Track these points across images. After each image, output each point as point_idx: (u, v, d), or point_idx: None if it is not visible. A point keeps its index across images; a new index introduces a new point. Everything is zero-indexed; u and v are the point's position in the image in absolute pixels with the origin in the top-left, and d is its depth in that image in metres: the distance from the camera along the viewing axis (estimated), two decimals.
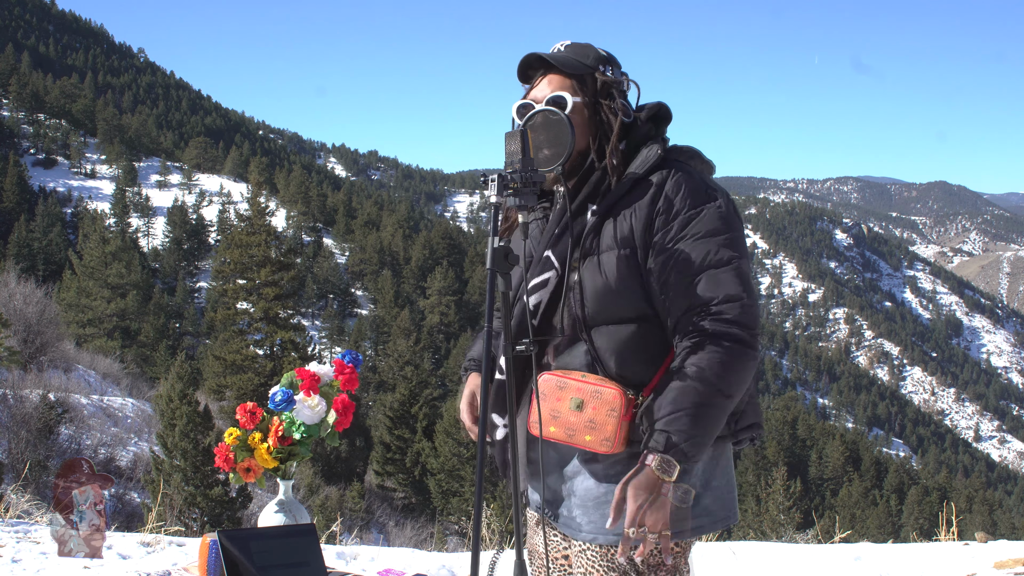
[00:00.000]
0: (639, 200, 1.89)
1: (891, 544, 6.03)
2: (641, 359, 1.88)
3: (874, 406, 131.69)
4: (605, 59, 1.99)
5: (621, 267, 1.88)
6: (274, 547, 2.17)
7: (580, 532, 1.95)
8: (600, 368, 1.90)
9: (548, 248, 1.96)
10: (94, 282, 39.55)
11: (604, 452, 1.86)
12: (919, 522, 33.47)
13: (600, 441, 1.85)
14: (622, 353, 1.89)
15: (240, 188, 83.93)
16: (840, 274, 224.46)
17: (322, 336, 65.27)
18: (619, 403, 1.84)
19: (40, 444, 14.53)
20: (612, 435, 1.84)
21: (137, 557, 4.26)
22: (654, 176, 1.91)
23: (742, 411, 1.95)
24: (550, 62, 1.96)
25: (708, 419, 1.77)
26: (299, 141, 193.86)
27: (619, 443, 1.85)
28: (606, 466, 1.93)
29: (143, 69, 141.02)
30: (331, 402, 2.39)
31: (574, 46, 2.00)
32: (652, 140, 1.97)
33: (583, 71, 1.96)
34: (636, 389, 1.88)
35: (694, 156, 2.01)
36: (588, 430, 1.86)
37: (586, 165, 1.97)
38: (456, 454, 26.86)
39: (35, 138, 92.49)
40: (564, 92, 1.95)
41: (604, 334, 1.90)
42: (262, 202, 31.98)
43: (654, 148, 1.94)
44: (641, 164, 1.92)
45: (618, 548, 1.85)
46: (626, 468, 1.90)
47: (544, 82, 1.99)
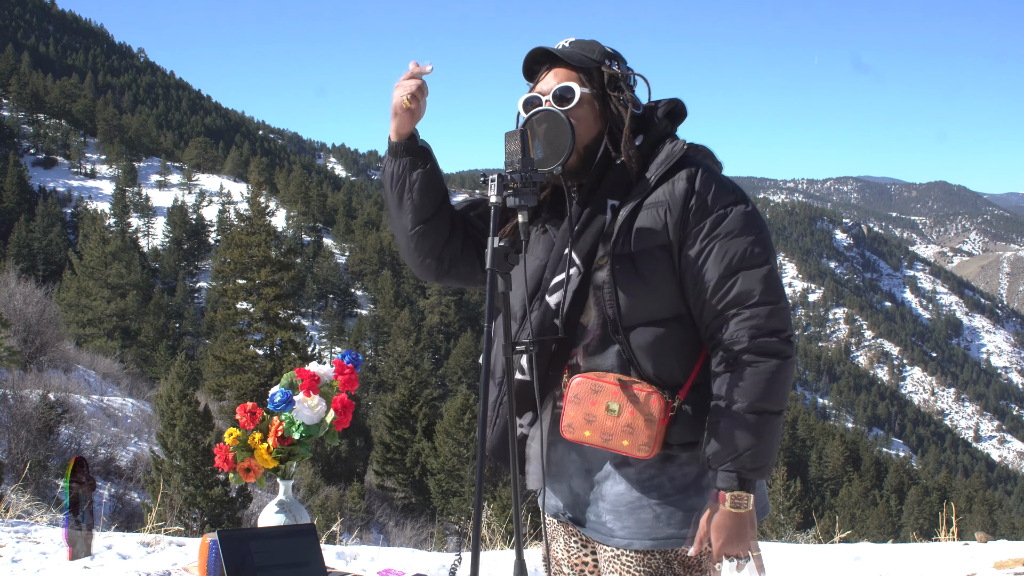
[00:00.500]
0: (670, 197, 1.86)
1: (891, 544, 6.03)
2: (677, 359, 1.86)
3: (874, 406, 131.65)
4: (610, 55, 1.97)
5: (657, 266, 1.85)
6: (274, 547, 2.17)
7: (613, 537, 1.92)
8: (634, 369, 1.87)
9: (568, 246, 1.92)
10: (94, 282, 39.57)
11: (642, 457, 1.85)
12: (919, 522, 33.47)
13: (638, 446, 1.84)
14: (658, 353, 1.86)
15: (240, 188, 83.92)
16: (840, 274, 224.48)
17: (322, 336, 65.25)
18: (658, 407, 1.82)
19: (40, 444, 14.52)
20: (651, 440, 1.82)
21: (137, 557, 4.26)
22: (682, 172, 1.88)
23: None
24: (556, 56, 1.95)
25: (769, 443, 1.80)
26: (299, 141, 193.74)
27: (657, 447, 1.84)
28: (638, 470, 1.91)
29: (143, 69, 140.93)
30: (331, 402, 2.39)
31: (579, 42, 1.98)
32: (670, 137, 1.95)
33: (589, 65, 1.94)
34: (671, 390, 1.86)
35: (708, 155, 2.00)
36: (626, 435, 1.84)
37: (598, 159, 1.95)
38: (456, 454, 26.86)
39: (35, 138, 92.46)
40: (572, 83, 1.93)
41: (639, 334, 1.86)
42: (262, 202, 31.99)
43: (679, 143, 1.91)
44: (667, 160, 1.89)
45: (655, 553, 1.88)
46: (659, 472, 1.89)
47: (550, 75, 1.97)
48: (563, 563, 2.07)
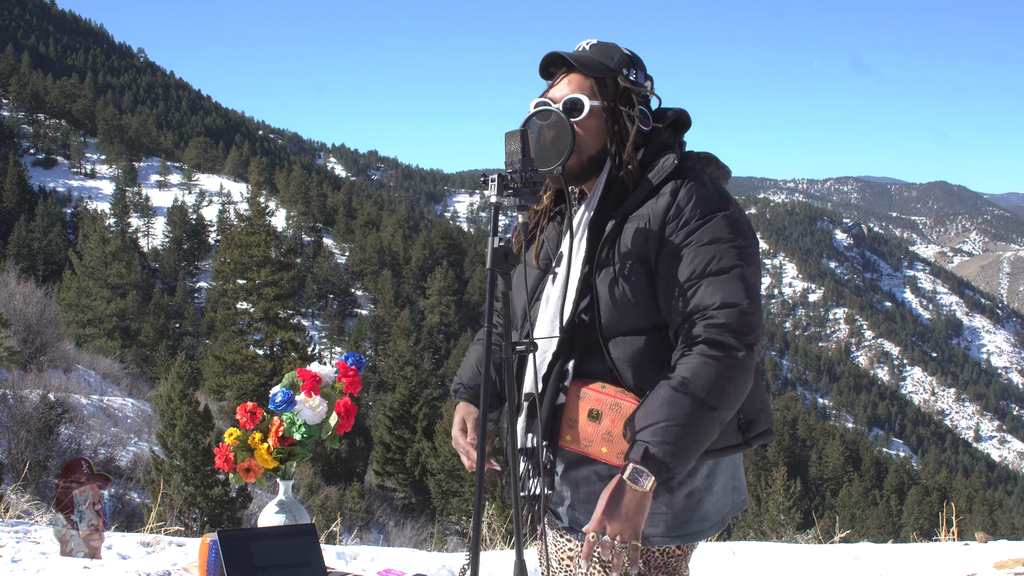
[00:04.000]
0: (651, 210, 1.88)
1: (891, 544, 6.04)
2: (658, 369, 1.85)
3: (874, 406, 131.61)
4: (629, 61, 1.96)
5: (637, 277, 1.86)
6: (274, 547, 2.17)
7: (582, 533, 1.95)
8: (617, 378, 1.88)
9: (568, 249, 1.93)
10: (94, 282, 39.57)
11: (619, 465, 1.84)
12: (919, 522, 33.47)
13: (616, 454, 1.84)
14: (638, 363, 1.87)
15: (240, 188, 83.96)
16: (840, 274, 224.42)
17: (322, 336, 65.27)
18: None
19: (40, 444, 14.53)
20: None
21: (137, 557, 4.26)
22: (668, 186, 1.89)
23: (754, 419, 1.93)
24: (572, 62, 1.95)
25: (692, 433, 1.72)
26: (299, 141, 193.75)
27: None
28: (609, 467, 1.92)
29: (143, 69, 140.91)
30: (333, 404, 2.39)
31: (599, 46, 1.97)
32: (668, 148, 1.95)
33: (605, 74, 1.94)
34: None
35: (710, 163, 1.99)
36: (604, 442, 1.85)
37: (604, 171, 1.96)
38: (456, 454, 26.84)
39: (35, 138, 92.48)
40: (582, 95, 1.93)
41: (620, 344, 1.88)
42: (262, 202, 32.00)
43: (670, 158, 1.91)
44: (657, 174, 1.90)
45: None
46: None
47: (564, 81, 1.97)
48: (552, 557, 2.09)
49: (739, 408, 1.85)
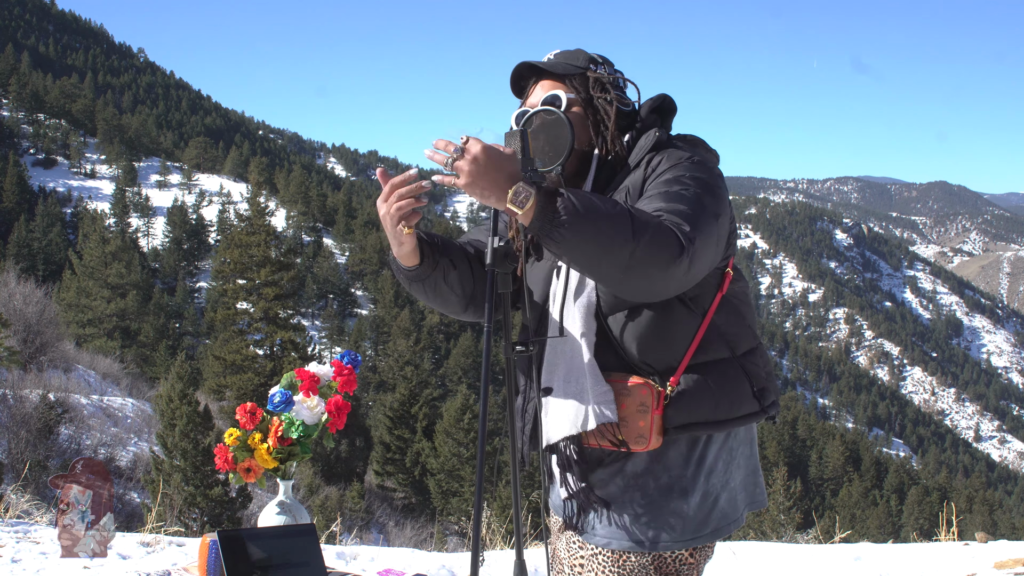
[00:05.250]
0: (632, 181, 1.89)
1: (891, 544, 6.04)
2: (664, 342, 1.85)
3: (874, 406, 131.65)
4: (595, 60, 1.99)
5: None
6: (274, 547, 2.17)
7: (594, 536, 1.92)
8: (623, 355, 1.87)
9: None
10: (94, 282, 39.56)
11: (640, 450, 1.83)
12: (919, 522, 33.47)
13: (634, 439, 1.83)
14: (641, 337, 1.85)
15: (240, 188, 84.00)
16: (840, 274, 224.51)
17: (322, 336, 65.24)
18: (649, 397, 1.81)
19: (40, 444, 14.52)
20: (646, 431, 1.81)
21: (137, 557, 4.26)
22: (646, 157, 1.90)
23: (765, 387, 1.92)
24: (541, 68, 1.97)
25: (599, 226, 1.60)
26: (299, 141, 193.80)
27: (654, 438, 1.82)
28: (633, 463, 1.90)
29: (143, 69, 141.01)
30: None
31: (564, 53, 2.01)
32: (654, 130, 1.96)
33: (574, 72, 1.96)
34: (662, 376, 1.85)
35: (697, 144, 1.98)
36: (620, 428, 1.84)
37: (594, 160, 1.96)
38: (456, 454, 26.87)
39: (35, 138, 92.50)
40: (558, 91, 1.96)
41: (621, 320, 1.86)
42: (262, 202, 32.02)
43: (651, 133, 1.93)
44: (639, 151, 1.92)
45: (631, 555, 1.86)
46: (646, 470, 1.88)
47: (538, 88, 2.00)
48: (564, 561, 2.06)
49: (748, 375, 1.88)
